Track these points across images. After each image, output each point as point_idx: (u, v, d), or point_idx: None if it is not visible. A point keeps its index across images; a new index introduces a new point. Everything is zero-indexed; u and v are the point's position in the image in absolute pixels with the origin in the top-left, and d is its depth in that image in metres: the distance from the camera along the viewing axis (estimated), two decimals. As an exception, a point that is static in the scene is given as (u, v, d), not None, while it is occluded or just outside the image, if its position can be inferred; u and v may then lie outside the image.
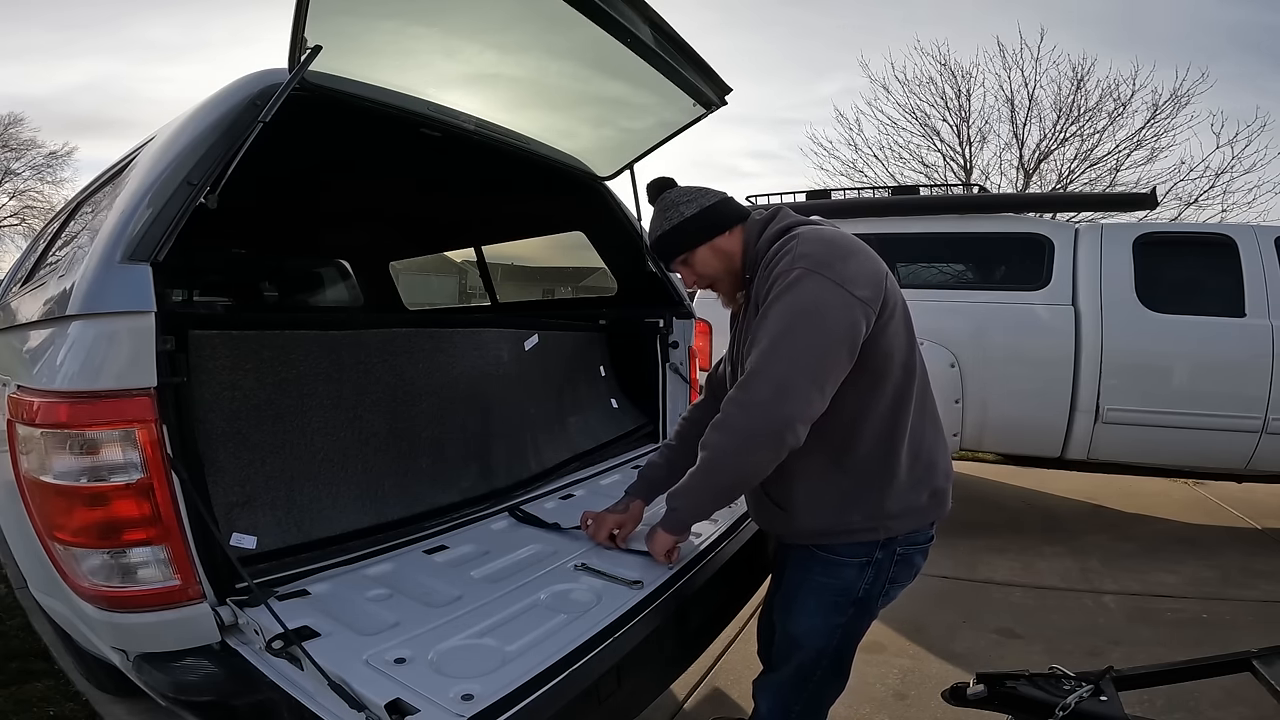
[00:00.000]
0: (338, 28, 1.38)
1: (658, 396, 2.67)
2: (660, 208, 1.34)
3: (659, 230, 1.32)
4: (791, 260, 1.14)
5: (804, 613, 1.31)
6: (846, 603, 1.27)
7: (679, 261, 1.33)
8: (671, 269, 1.32)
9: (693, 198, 1.31)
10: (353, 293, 4.70)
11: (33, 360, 1.23)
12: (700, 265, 1.32)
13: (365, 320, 2.76)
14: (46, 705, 1.95)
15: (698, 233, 1.29)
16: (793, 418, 1.10)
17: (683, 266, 1.34)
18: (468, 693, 0.95)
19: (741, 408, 1.13)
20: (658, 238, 1.33)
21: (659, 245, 1.33)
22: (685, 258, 1.32)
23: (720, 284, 1.34)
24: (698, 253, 1.30)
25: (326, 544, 1.49)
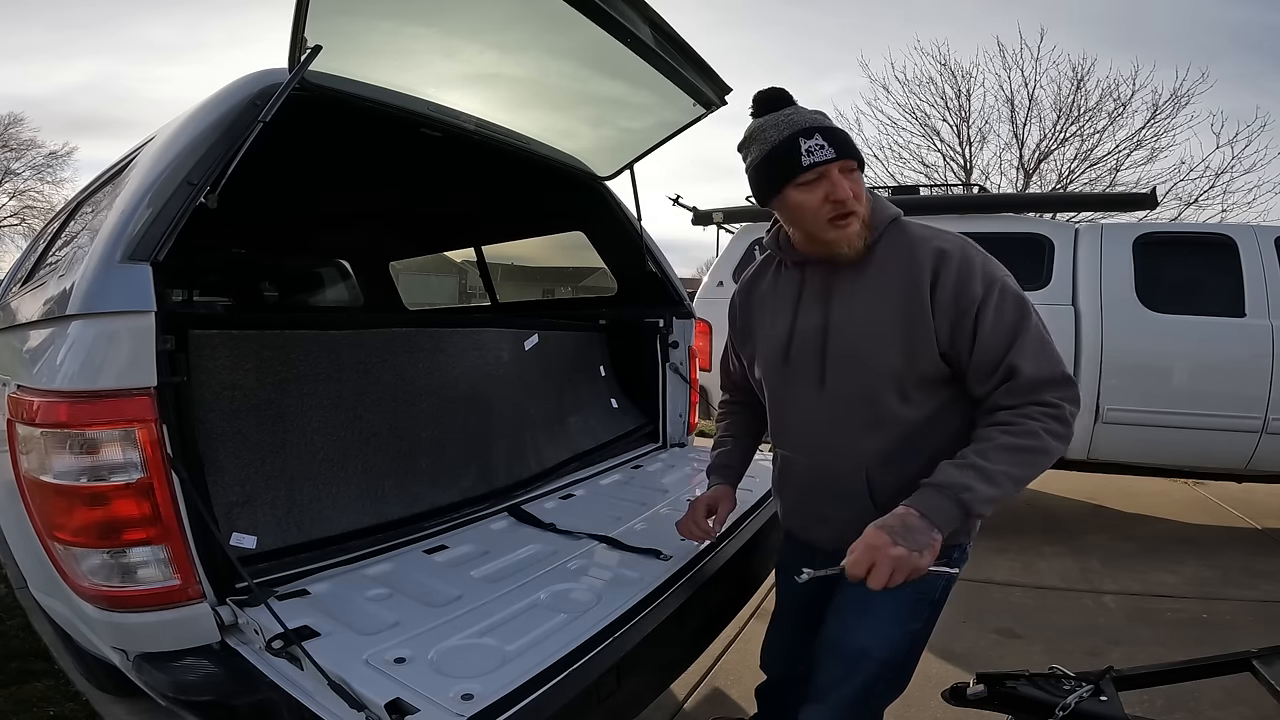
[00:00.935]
0: (338, 28, 1.38)
1: (658, 396, 2.67)
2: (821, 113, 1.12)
3: (834, 125, 1.10)
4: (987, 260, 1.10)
5: (878, 622, 1.17)
6: (925, 605, 1.19)
7: (846, 166, 1.08)
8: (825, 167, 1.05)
9: None
10: (353, 293, 4.71)
11: (33, 360, 1.23)
12: (860, 188, 1.10)
13: (365, 320, 2.76)
14: (46, 705, 1.95)
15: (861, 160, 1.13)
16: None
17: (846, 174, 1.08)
18: (468, 692, 0.95)
19: (1073, 401, 1.05)
20: (841, 130, 1.09)
21: (844, 136, 1.09)
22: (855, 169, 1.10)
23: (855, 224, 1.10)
24: (860, 175, 1.11)
25: (326, 544, 1.49)
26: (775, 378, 1.27)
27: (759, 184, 1.14)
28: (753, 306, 1.34)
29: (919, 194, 4.06)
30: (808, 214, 1.10)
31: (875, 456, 1.15)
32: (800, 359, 1.20)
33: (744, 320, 1.36)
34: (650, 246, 2.63)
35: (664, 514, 1.83)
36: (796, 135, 1.06)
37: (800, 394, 1.22)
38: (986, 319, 1.05)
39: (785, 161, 1.07)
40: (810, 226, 1.11)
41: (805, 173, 1.06)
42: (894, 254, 1.12)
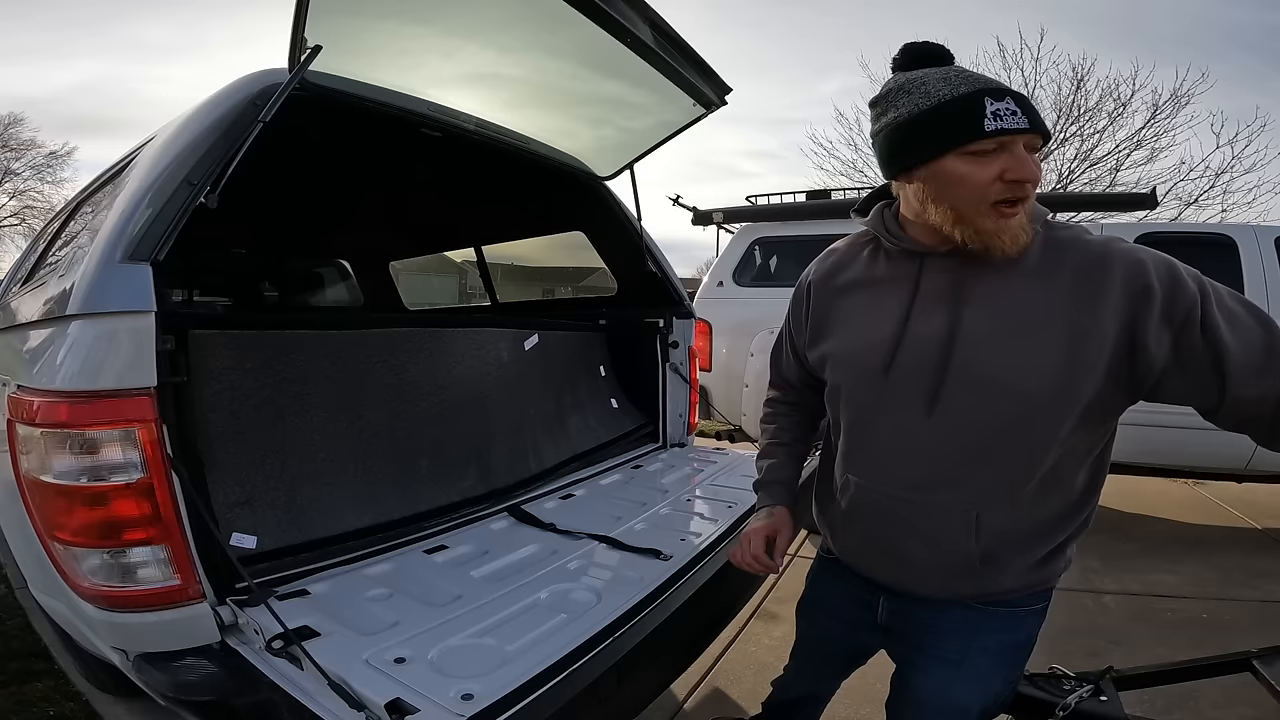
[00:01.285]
0: (338, 28, 1.38)
1: (658, 396, 2.67)
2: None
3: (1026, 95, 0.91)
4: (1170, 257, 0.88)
5: (984, 677, 1.04)
6: (1024, 654, 1.07)
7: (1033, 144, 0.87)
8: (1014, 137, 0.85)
9: None
10: (353, 293, 4.71)
11: (33, 360, 1.23)
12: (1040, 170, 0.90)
13: (365, 320, 2.76)
14: (46, 705, 1.95)
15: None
16: None
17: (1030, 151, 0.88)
18: (468, 692, 0.95)
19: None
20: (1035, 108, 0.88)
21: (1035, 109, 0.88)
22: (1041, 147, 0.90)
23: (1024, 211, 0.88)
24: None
25: (326, 544, 1.49)
26: (865, 390, 1.02)
27: (906, 144, 0.90)
28: (834, 298, 1.09)
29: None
30: (969, 192, 0.87)
31: (991, 498, 0.94)
32: (908, 372, 0.96)
33: (820, 313, 1.12)
34: (650, 246, 2.63)
35: (664, 514, 1.83)
36: (982, 94, 0.85)
37: (900, 414, 0.98)
38: (1215, 314, 0.82)
39: (959, 122, 0.85)
40: (967, 208, 0.88)
41: (984, 139, 0.84)
42: (1059, 257, 0.90)
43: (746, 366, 3.82)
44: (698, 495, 2.04)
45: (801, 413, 1.30)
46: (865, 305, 1.04)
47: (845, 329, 1.06)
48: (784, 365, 1.29)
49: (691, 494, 2.05)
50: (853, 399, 1.05)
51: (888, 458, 1.01)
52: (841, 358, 1.06)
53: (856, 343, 1.03)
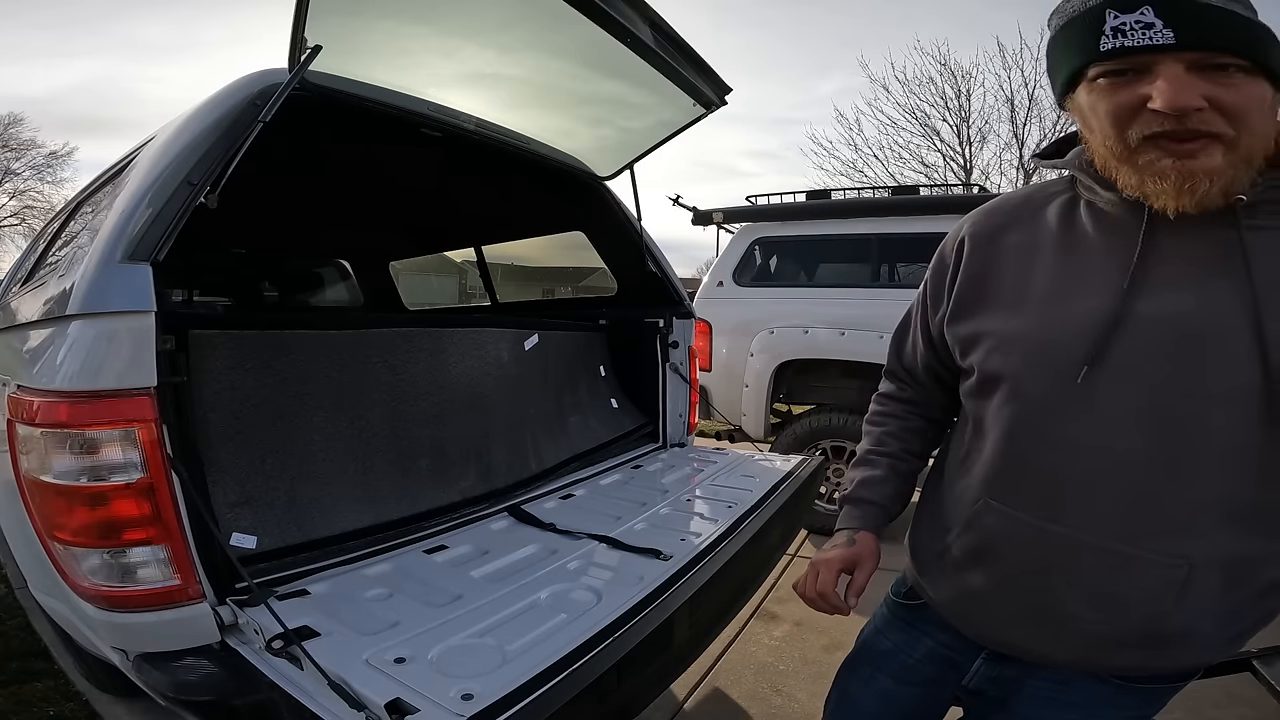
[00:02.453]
0: (338, 28, 1.38)
1: (658, 396, 2.67)
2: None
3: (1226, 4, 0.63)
4: None
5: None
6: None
7: (1207, 61, 0.63)
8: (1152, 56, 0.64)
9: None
10: (353, 293, 4.71)
11: (33, 360, 1.23)
12: (1245, 98, 0.63)
13: (365, 320, 2.76)
14: (46, 705, 1.95)
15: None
16: None
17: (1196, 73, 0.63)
18: (468, 692, 0.95)
19: None
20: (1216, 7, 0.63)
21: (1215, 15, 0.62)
22: (1231, 66, 0.63)
23: (1222, 152, 0.64)
24: (1260, 84, 0.64)
25: (326, 544, 1.49)
26: (1048, 386, 0.76)
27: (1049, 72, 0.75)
28: (1002, 258, 0.83)
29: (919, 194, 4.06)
30: (1100, 131, 0.69)
31: (1218, 549, 0.71)
32: (1130, 366, 0.70)
33: (975, 276, 0.85)
34: (650, 246, 2.63)
35: (664, 514, 1.83)
36: (1103, 6, 0.65)
37: (1105, 429, 0.72)
38: None
39: (1077, 44, 0.68)
40: (1105, 151, 0.70)
41: (1103, 61, 0.66)
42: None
43: (746, 366, 3.82)
44: (698, 495, 2.04)
45: (920, 415, 1.03)
46: (1055, 272, 0.77)
47: (1018, 300, 0.79)
48: (907, 350, 1.01)
49: (691, 494, 2.05)
50: (1024, 398, 0.78)
51: (1074, 489, 0.75)
52: (1011, 338, 0.79)
53: (1039, 319, 0.77)
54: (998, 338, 0.80)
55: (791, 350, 3.70)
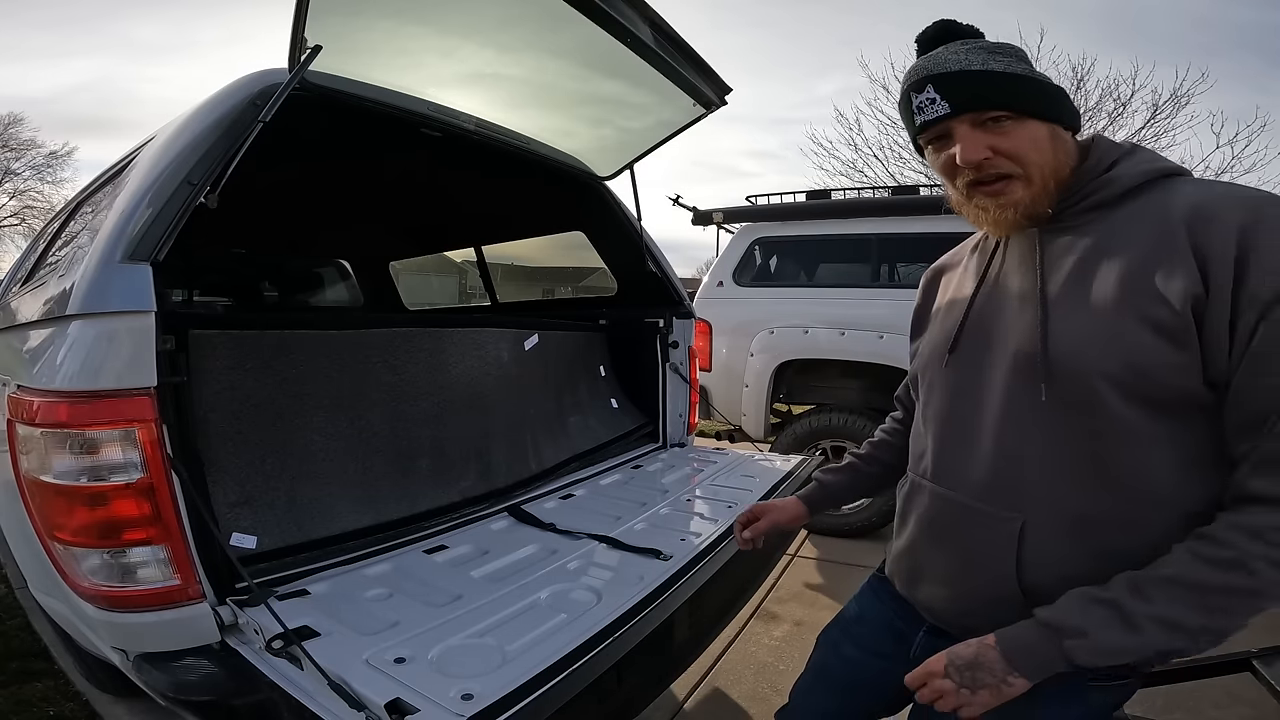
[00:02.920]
0: (337, 28, 1.38)
1: (658, 396, 2.67)
2: (980, 45, 0.82)
3: (984, 65, 0.79)
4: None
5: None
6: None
7: (987, 116, 0.79)
8: (944, 124, 0.82)
9: (1029, 61, 0.83)
10: (353, 293, 4.71)
11: (33, 360, 1.23)
12: (1022, 142, 0.79)
13: (365, 320, 2.77)
14: (46, 705, 1.95)
15: (1052, 100, 0.81)
16: None
17: (977, 129, 0.80)
18: (468, 692, 0.95)
19: None
20: (975, 72, 0.79)
21: (972, 80, 0.79)
22: (1004, 119, 0.79)
23: (1021, 186, 0.81)
24: (1030, 125, 0.79)
25: (326, 544, 1.49)
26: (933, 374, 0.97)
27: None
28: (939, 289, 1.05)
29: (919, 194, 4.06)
30: (944, 183, 0.87)
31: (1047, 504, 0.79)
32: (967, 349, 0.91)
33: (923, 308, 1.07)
34: (650, 246, 2.63)
35: (664, 514, 1.83)
36: (909, 91, 0.84)
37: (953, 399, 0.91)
38: (1266, 329, 0.67)
39: (907, 119, 0.86)
40: (953, 197, 0.87)
41: (924, 133, 0.85)
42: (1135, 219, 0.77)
43: (746, 366, 3.82)
44: (698, 495, 2.04)
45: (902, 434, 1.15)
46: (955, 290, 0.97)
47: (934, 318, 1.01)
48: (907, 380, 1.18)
49: (691, 494, 2.05)
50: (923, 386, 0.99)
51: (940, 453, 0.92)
52: (924, 345, 1.00)
53: (938, 326, 0.97)
54: (921, 348, 1.02)
55: (791, 350, 3.70)
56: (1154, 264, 0.73)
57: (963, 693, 0.77)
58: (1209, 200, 0.73)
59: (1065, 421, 0.78)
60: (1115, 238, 0.78)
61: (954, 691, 0.77)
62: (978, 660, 0.77)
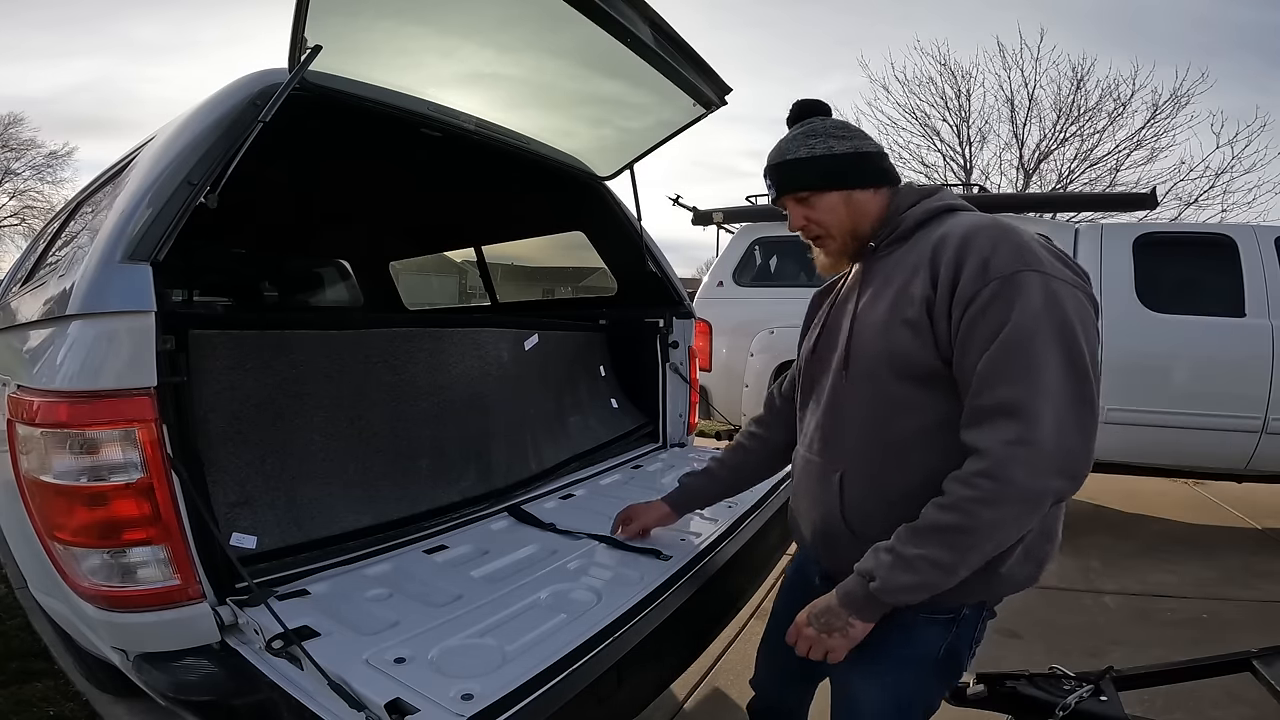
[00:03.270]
0: (337, 28, 1.38)
1: (658, 396, 2.67)
2: (805, 130, 1.10)
3: (793, 154, 1.08)
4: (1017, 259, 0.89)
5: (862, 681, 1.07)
6: (913, 667, 1.05)
7: (796, 198, 1.10)
8: (780, 202, 1.14)
9: (849, 134, 1.10)
10: (353, 293, 4.71)
11: (33, 360, 1.23)
12: (823, 211, 1.09)
13: (365, 320, 2.76)
14: (46, 705, 1.95)
15: (842, 174, 1.07)
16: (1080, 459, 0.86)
17: (797, 204, 1.11)
18: (468, 692, 0.95)
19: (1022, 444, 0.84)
20: (790, 161, 1.08)
21: (786, 169, 1.09)
22: (809, 196, 1.09)
23: (831, 242, 1.11)
24: (827, 197, 1.08)
25: (326, 543, 1.49)
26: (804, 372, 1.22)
27: None
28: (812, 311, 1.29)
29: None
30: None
31: (857, 459, 1.04)
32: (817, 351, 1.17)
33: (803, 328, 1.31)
34: (650, 246, 2.63)
35: (664, 514, 1.83)
36: (763, 174, 1.16)
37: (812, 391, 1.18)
38: (970, 316, 0.90)
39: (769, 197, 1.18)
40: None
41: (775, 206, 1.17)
42: (916, 245, 1.02)
43: (746, 366, 3.82)
44: None
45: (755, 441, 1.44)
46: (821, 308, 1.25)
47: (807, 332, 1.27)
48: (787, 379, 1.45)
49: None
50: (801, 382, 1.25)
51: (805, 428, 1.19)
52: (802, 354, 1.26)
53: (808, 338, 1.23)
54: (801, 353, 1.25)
55: (791, 350, 3.70)
56: (912, 279, 0.98)
57: (822, 638, 0.98)
58: (950, 230, 0.98)
59: (860, 394, 1.04)
60: (902, 261, 1.03)
61: (816, 639, 0.98)
62: (827, 608, 0.98)
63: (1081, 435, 0.85)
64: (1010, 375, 0.85)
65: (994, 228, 0.94)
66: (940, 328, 0.93)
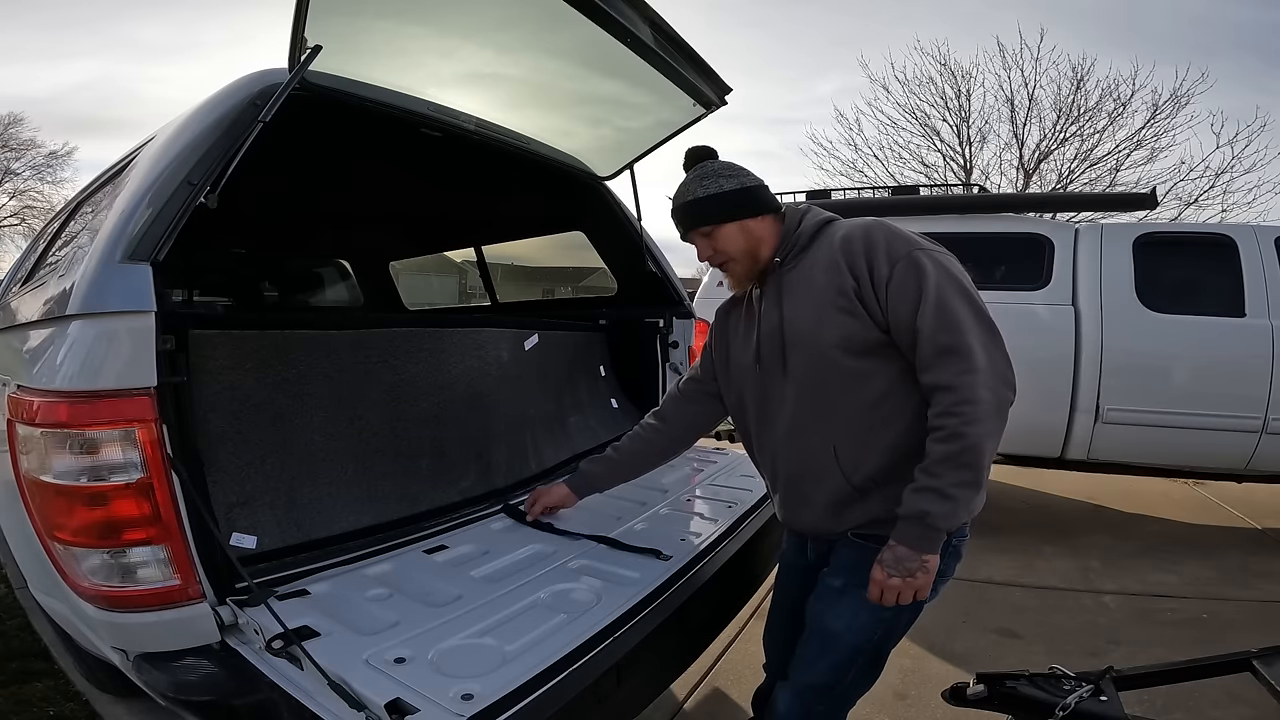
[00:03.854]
0: (338, 28, 1.38)
1: (658, 396, 2.67)
2: (698, 174, 1.30)
3: (691, 195, 1.29)
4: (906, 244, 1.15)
5: (852, 608, 1.22)
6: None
7: (700, 233, 1.30)
8: (689, 238, 1.33)
9: (735, 173, 1.29)
10: (353, 293, 4.70)
11: (33, 360, 1.23)
12: (724, 241, 1.29)
13: (365, 320, 2.76)
14: (46, 705, 1.95)
15: (733, 208, 1.27)
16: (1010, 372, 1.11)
17: (702, 238, 1.30)
18: (468, 692, 0.95)
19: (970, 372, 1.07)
20: (689, 203, 1.29)
21: (688, 209, 1.30)
22: (710, 230, 1.29)
23: (736, 265, 1.30)
24: (725, 228, 1.28)
25: (326, 544, 1.49)
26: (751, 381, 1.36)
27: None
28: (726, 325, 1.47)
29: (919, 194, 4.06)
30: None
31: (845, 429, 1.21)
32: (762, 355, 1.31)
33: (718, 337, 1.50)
34: (650, 246, 2.63)
35: (664, 514, 1.83)
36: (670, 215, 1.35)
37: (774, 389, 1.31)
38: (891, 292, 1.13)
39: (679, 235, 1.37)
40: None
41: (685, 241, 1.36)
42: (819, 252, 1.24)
43: (746, 366, 3.82)
44: (697, 495, 2.04)
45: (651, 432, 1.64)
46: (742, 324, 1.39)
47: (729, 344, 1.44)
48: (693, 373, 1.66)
49: (691, 494, 2.05)
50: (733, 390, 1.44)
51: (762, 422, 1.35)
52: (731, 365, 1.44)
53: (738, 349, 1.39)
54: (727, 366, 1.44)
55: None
56: (831, 275, 1.18)
57: (908, 581, 1.10)
58: (849, 233, 1.21)
59: (824, 378, 1.20)
60: (814, 265, 1.23)
61: (902, 584, 1.10)
62: (898, 557, 1.10)
63: (1003, 355, 1.11)
64: (944, 325, 1.09)
65: (877, 226, 1.20)
66: (871, 308, 1.15)
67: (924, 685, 2.11)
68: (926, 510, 1.06)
